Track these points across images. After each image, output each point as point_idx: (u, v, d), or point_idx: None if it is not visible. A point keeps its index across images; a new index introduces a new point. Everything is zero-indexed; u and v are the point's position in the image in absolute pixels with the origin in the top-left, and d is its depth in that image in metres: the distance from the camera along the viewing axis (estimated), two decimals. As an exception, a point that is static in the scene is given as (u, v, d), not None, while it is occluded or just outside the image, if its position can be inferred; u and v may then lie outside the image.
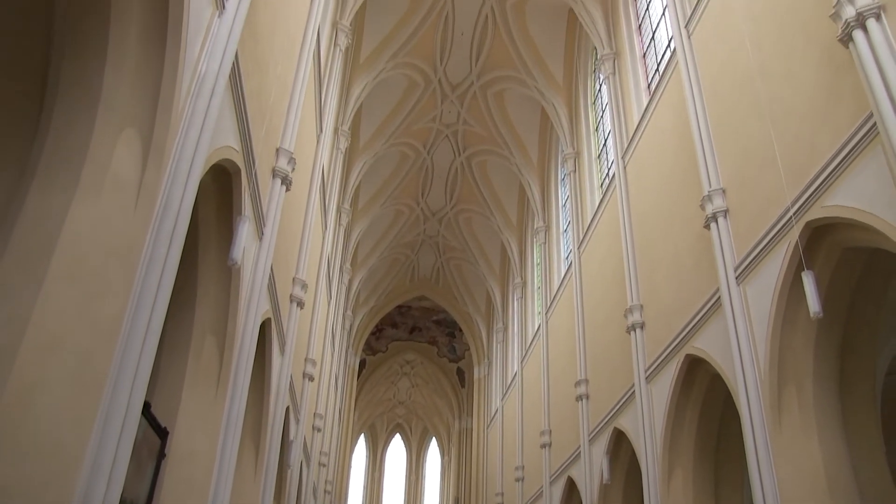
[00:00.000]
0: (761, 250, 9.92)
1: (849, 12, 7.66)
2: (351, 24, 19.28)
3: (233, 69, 7.54)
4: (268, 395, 12.23)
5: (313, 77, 14.30)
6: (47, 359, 4.79)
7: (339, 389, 30.65)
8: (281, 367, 13.21)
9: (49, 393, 4.73)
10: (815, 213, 8.73)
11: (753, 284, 10.16)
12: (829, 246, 8.94)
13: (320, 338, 19.83)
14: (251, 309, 9.84)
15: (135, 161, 5.61)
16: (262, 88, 9.60)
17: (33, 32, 5.99)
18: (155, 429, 7.64)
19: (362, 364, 40.72)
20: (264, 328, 11.40)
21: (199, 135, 6.35)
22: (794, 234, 9.05)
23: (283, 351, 13.33)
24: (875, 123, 7.42)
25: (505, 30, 23.11)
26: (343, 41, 18.54)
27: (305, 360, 17.13)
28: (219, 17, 7.03)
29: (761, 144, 10.21)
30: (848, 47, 7.77)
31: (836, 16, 7.88)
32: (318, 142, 16.29)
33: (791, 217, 9.14)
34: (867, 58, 7.39)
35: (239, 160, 8.40)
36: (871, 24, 7.48)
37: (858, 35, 7.55)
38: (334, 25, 18.29)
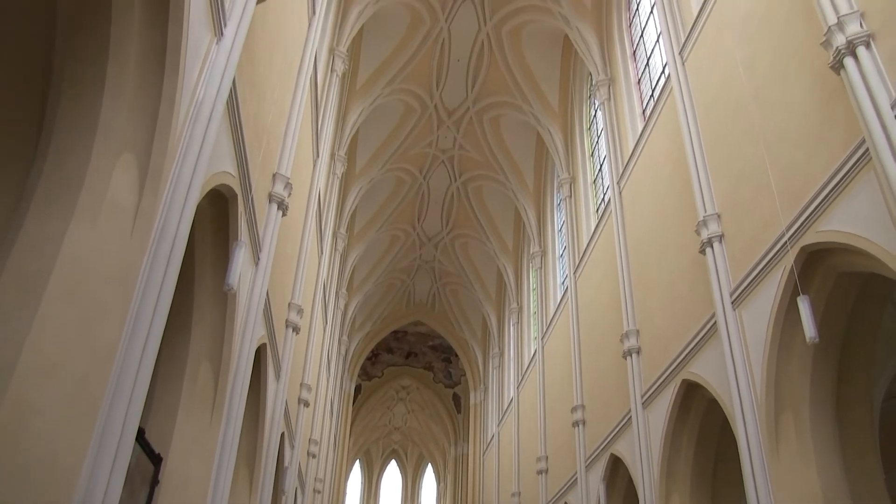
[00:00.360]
0: (757, 275, 9.94)
1: (839, 40, 7.77)
2: (348, 51, 19.43)
3: (230, 95, 7.59)
4: (263, 420, 12.17)
5: (310, 103, 14.39)
6: (43, 382, 4.77)
7: (335, 415, 30.48)
8: (276, 393, 13.16)
9: (44, 417, 4.71)
10: (810, 237, 8.76)
11: (749, 309, 10.17)
12: (824, 271, 8.96)
13: (316, 363, 19.77)
14: (247, 334, 9.82)
15: (132, 186, 5.63)
16: (259, 114, 9.65)
17: (33, 59, 6.02)
18: (149, 455, 7.60)
19: (358, 389, 40.52)
20: (260, 353, 11.37)
21: (197, 160, 6.38)
22: (790, 259, 9.08)
23: (278, 376, 13.27)
24: (868, 149, 7.47)
25: (500, 56, 23.29)
26: (340, 67, 18.67)
27: (301, 385, 17.06)
28: (217, 43, 7.08)
29: (756, 169, 10.27)
30: (839, 74, 7.86)
31: (826, 43, 7.98)
32: (314, 167, 16.35)
33: (786, 242, 9.17)
34: (858, 84, 7.48)
35: (235, 185, 8.42)
36: (861, 51, 7.59)
37: (849, 62, 7.65)
38: (331, 51, 18.42)
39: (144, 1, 5.66)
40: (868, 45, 7.60)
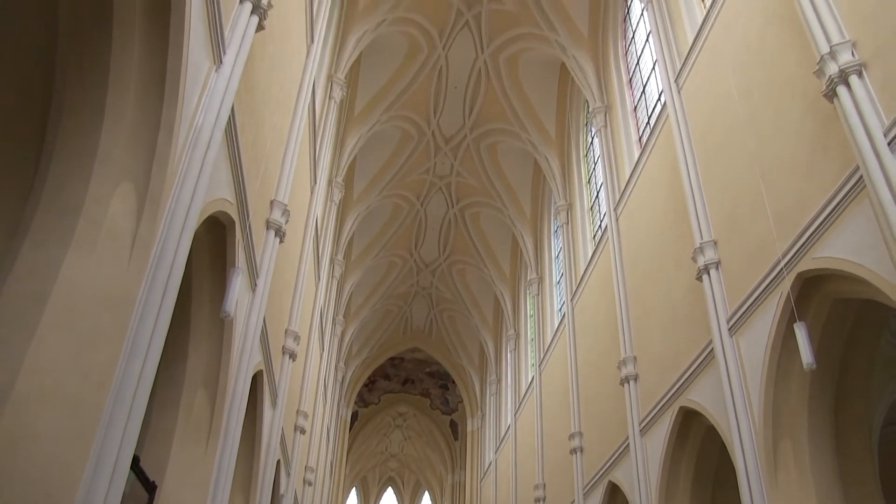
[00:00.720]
0: (753, 301, 9.95)
1: (832, 69, 7.85)
2: (346, 78, 19.57)
3: (229, 122, 7.63)
4: (258, 448, 12.09)
5: (308, 129, 14.46)
6: (38, 408, 4.76)
7: (331, 442, 30.28)
8: (272, 420, 13.09)
9: (38, 443, 4.69)
10: (806, 264, 8.78)
11: (746, 336, 10.16)
12: (820, 297, 8.97)
13: (312, 390, 19.67)
14: (243, 361, 9.79)
15: (130, 213, 5.65)
16: (258, 141, 9.70)
17: (33, 86, 6.07)
18: (143, 482, 7.54)
19: (354, 416, 40.33)
20: (256, 380, 11.32)
21: (195, 187, 6.41)
22: (786, 286, 9.09)
23: (274, 403, 13.21)
24: (862, 176, 7.53)
25: (498, 83, 23.47)
26: (338, 94, 18.78)
27: (297, 412, 16.98)
28: (216, 71, 7.14)
29: (751, 196, 10.32)
30: (833, 102, 7.93)
31: (819, 72, 8.07)
32: (312, 193, 16.39)
33: (782, 269, 9.19)
34: (851, 113, 7.55)
35: (233, 212, 8.44)
36: (854, 80, 7.67)
37: (842, 91, 7.74)
38: (329, 78, 18.54)
39: (145, 29, 5.72)
40: (860, 74, 7.69)
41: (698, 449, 12.44)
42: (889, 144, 7.13)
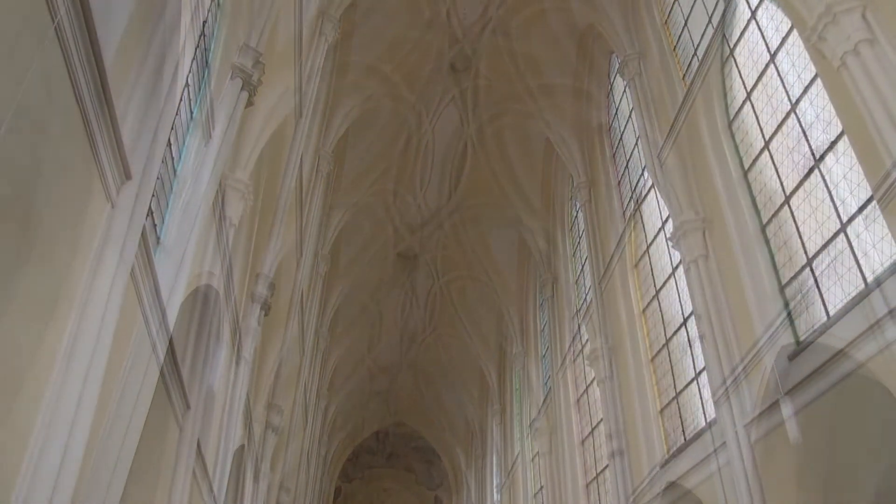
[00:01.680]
0: (738, 375, 9.92)
1: (806, 148, 8.08)
2: (333, 152, 19.79)
3: (216, 196, 7.68)
4: (239, 526, 11.82)
5: (295, 202, 14.55)
6: (13, 485, 4.65)
7: (314, 520, 29.53)
8: (254, 495, 12.81)
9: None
10: (790, 338, 8.81)
11: (733, 411, 10.09)
12: (805, 371, 8.95)
13: (295, 464, 19.31)
14: (226, 435, 9.63)
15: (115, 287, 5.61)
16: (245, 214, 9.74)
17: (20, 165, 6.09)
18: (120, 564, 7.32)
19: (337, 492, 39.47)
20: (238, 454, 11.12)
21: (181, 260, 6.41)
22: (770, 360, 9.09)
23: (257, 478, 12.95)
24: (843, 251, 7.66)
25: (484, 158, 23.75)
26: (325, 167, 18.98)
27: (280, 487, 16.63)
28: (205, 146, 7.22)
29: (735, 269, 10.40)
30: (809, 178, 8.14)
31: (795, 150, 8.28)
32: (297, 266, 16.38)
33: (765, 343, 9.21)
34: (822, 191, 7.75)
35: (219, 285, 8.43)
36: (829, 157, 7.88)
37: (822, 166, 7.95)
38: (317, 152, 18.74)
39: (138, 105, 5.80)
40: (833, 149, 7.92)
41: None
42: (864, 220, 7.28)
